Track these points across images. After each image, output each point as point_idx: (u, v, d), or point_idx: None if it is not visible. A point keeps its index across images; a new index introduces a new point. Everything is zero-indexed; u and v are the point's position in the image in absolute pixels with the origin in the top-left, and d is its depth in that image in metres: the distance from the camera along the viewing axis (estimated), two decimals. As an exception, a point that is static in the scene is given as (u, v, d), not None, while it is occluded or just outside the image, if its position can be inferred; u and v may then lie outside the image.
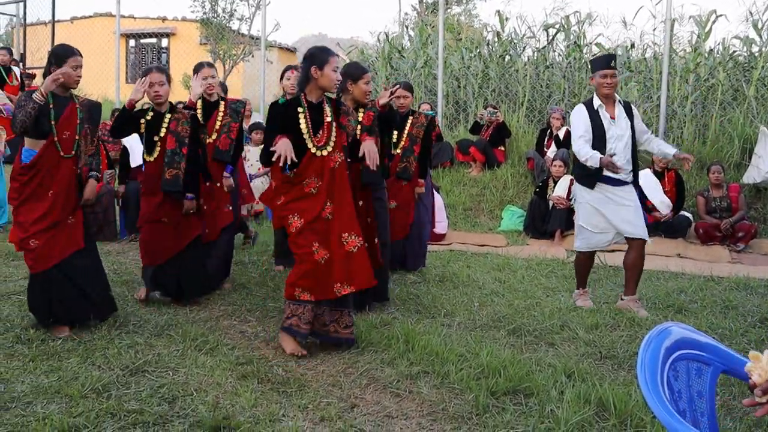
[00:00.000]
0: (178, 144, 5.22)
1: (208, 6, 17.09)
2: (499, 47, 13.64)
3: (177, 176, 5.19)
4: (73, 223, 4.69)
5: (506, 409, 3.62)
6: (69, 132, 4.64)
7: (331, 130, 4.46)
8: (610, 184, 5.45)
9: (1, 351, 4.24)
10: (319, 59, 4.38)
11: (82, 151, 4.72)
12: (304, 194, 4.38)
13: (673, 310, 5.54)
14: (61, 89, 4.65)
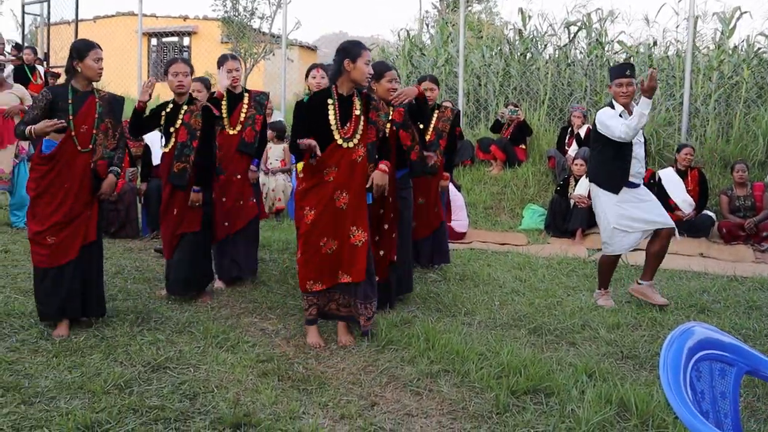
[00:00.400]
0: (189, 137, 5.27)
1: (230, 4, 17.16)
2: (520, 45, 13.59)
3: (184, 169, 5.25)
4: (89, 215, 4.69)
5: (527, 408, 3.61)
6: (86, 126, 4.65)
7: (359, 123, 4.55)
8: (630, 187, 5.54)
9: (26, 346, 4.29)
10: (353, 52, 4.46)
11: (99, 145, 4.70)
12: (322, 182, 4.49)
13: (695, 310, 5.49)
14: (83, 83, 4.68)
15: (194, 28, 21.75)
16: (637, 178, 5.56)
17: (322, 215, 4.49)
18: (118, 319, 4.87)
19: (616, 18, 13.90)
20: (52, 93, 4.63)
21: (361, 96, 4.63)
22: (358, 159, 4.53)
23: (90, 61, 4.61)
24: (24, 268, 6.13)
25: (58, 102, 4.60)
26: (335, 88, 4.57)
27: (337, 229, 4.51)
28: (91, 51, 4.62)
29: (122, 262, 6.61)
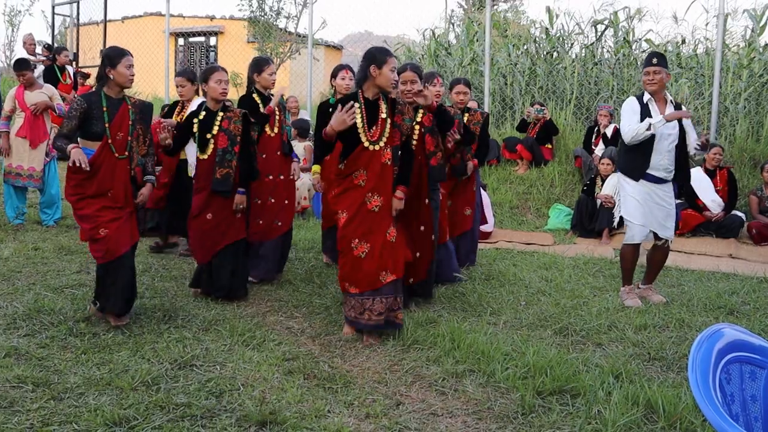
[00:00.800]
0: (230, 142, 5.34)
1: (256, 4, 17.23)
2: (546, 44, 13.51)
3: (228, 175, 5.32)
4: (126, 223, 4.76)
5: (552, 409, 3.59)
6: (122, 133, 4.73)
7: (385, 126, 4.66)
8: (651, 181, 5.56)
9: (55, 343, 4.34)
10: (378, 59, 4.59)
11: (134, 152, 4.81)
12: (353, 185, 4.62)
13: (724, 312, 5.43)
14: (115, 90, 4.75)
15: (221, 28, 21.89)
16: (661, 172, 5.53)
17: (355, 218, 4.58)
18: (145, 316, 4.92)
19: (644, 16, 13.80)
20: (86, 102, 4.68)
21: (388, 100, 4.74)
22: (386, 162, 4.65)
23: (122, 68, 4.68)
24: (53, 266, 6.21)
25: (93, 110, 4.66)
26: (361, 93, 4.69)
27: (370, 231, 4.59)
28: (123, 58, 4.69)
29: (149, 260, 6.67)
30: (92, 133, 4.67)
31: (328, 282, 6.07)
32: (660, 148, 5.50)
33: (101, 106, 4.67)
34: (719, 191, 8.73)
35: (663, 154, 5.51)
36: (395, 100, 4.81)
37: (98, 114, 4.66)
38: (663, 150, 5.51)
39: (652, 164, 5.52)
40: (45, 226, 8.02)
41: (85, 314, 4.85)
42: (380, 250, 4.58)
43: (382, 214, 4.63)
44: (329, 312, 5.22)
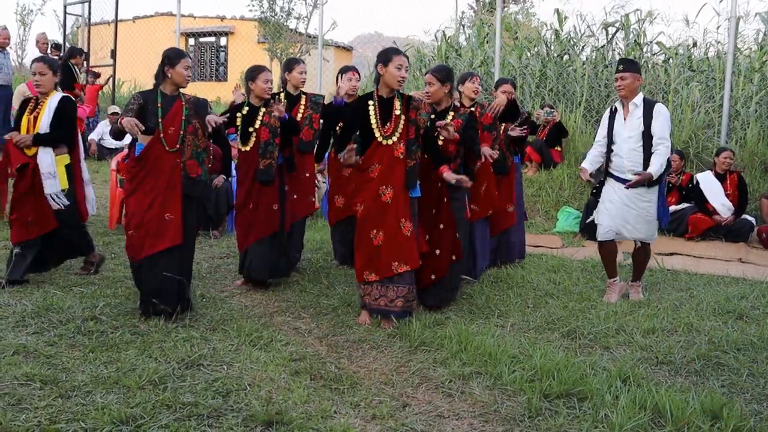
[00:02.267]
0: (271, 135, 5.71)
1: (266, 5, 17.27)
2: (557, 46, 13.48)
3: (270, 165, 5.70)
4: (171, 220, 4.87)
5: (559, 412, 3.58)
6: (174, 128, 4.95)
7: (399, 122, 4.96)
8: (616, 180, 5.73)
9: (63, 341, 4.36)
10: (384, 57, 4.95)
11: (188, 146, 4.98)
12: (368, 179, 4.95)
13: (733, 316, 5.40)
14: (171, 88, 5.03)
15: (231, 28, 21.94)
16: (626, 174, 5.59)
17: (370, 209, 4.93)
18: (153, 315, 4.92)
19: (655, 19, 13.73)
20: (143, 97, 5.01)
21: (403, 98, 5.03)
22: (399, 156, 4.92)
23: (180, 69, 4.99)
24: (62, 265, 6.22)
25: (148, 105, 4.95)
26: (376, 92, 5.04)
27: (383, 221, 4.90)
28: (182, 59, 5.01)
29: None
30: (147, 128, 4.86)
31: (335, 283, 6.08)
32: (619, 150, 5.70)
33: (156, 102, 4.96)
34: (729, 195, 8.68)
35: (623, 155, 5.66)
36: (410, 98, 5.07)
37: (153, 109, 4.94)
38: (623, 152, 5.67)
39: (613, 165, 5.76)
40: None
41: (94, 312, 4.86)
42: (393, 240, 4.87)
43: (395, 206, 4.89)
44: (337, 313, 5.22)
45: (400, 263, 4.90)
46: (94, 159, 12.43)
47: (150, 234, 4.84)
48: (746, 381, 4.10)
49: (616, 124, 5.75)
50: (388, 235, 4.90)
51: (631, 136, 5.63)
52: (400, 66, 4.92)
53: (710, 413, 3.51)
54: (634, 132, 5.62)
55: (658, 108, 5.65)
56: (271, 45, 17.11)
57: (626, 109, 5.71)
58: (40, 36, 13.11)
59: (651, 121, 5.59)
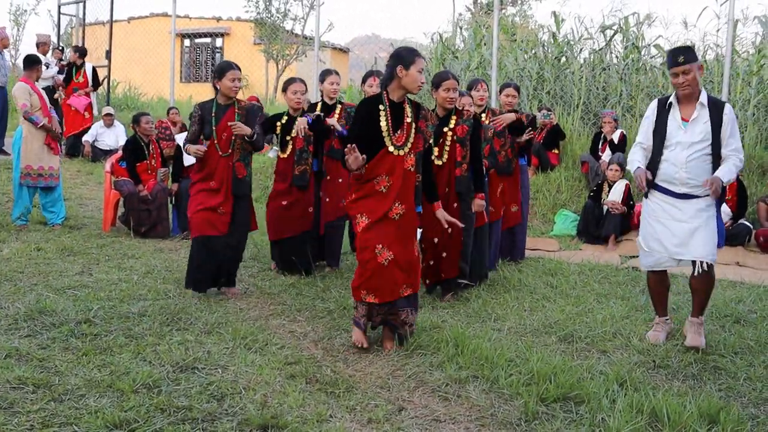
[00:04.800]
0: (305, 143, 6.24)
1: (262, 6, 17.28)
2: (554, 48, 13.48)
3: (305, 171, 6.27)
4: (223, 214, 5.56)
5: (556, 416, 3.56)
6: (226, 134, 5.50)
7: (411, 131, 4.47)
8: (667, 194, 4.78)
9: (56, 344, 4.32)
10: (407, 59, 4.38)
11: (237, 149, 5.55)
12: (373, 191, 4.41)
13: (731, 320, 5.39)
14: (223, 98, 5.56)
15: (227, 29, 21.92)
16: (678, 186, 4.69)
17: (378, 224, 4.39)
18: (147, 318, 4.90)
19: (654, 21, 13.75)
20: (201, 108, 5.60)
21: (412, 104, 4.56)
22: (410, 168, 4.46)
23: (226, 81, 5.46)
24: (55, 267, 6.20)
25: (205, 115, 5.55)
26: (386, 95, 4.48)
27: (395, 240, 4.41)
28: (228, 72, 5.47)
29: (152, 262, 6.66)
30: (204, 135, 5.54)
31: (331, 286, 6.06)
32: (675, 158, 4.70)
33: (211, 111, 5.53)
34: (728, 201, 8.65)
35: (679, 165, 4.67)
36: (419, 105, 4.61)
37: (208, 118, 5.53)
38: (678, 160, 4.67)
39: (662, 175, 4.77)
40: (51, 225, 8.02)
41: (88, 315, 4.84)
42: (405, 261, 4.43)
43: (407, 223, 4.47)
44: (332, 316, 5.20)
45: (407, 286, 4.47)
46: (88, 161, 12.40)
47: (205, 221, 5.50)
48: (743, 385, 4.09)
49: (671, 126, 4.75)
50: (399, 254, 4.40)
51: (696, 142, 4.65)
52: (422, 69, 4.42)
53: (707, 417, 3.50)
54: (699, 138, 4.66)
55: (728, 111, 4.72)
56: (267, 46, 17.11)
57: (688, 109, 4.73)
58: (44, 37, 13.06)
59: (720, 126, 4.67)
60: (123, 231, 8.06)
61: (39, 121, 7.79)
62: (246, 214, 5.74)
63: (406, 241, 4.46)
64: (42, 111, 7.91)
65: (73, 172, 11.82)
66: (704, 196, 4.65)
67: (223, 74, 5.46)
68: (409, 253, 4.46)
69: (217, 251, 5.57)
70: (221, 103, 5.57)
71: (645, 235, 4.89)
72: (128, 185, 8.03)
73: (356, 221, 4.46)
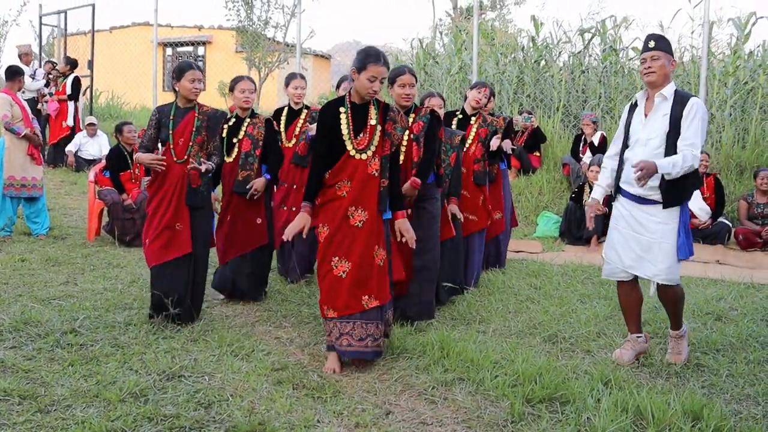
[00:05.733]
0: (252, 146, 5.71)
1: (244, 14, 17.25)
2: (534, 52, 13.58)
3: (248, 177, 5.65)
4: (180, 229, 5.02)
5: (542, 416, 3.59)
6: (183, 139, 5.06)
7: (374, 134, 4.24)
8: (629, 199, 4.40)
9: (42, 355, 4.31)
10: (360, 63, 4.16)
11: (193, 157, 5.04)
12: (335, 197, 4.22)
13: (712, 318, 5.45)
14: (183, 101, 5.12)
15: (209, 37, 21.88)
16: (631, 185, 4.29)
17: (336, 234, 4.19)
18: (133, 327, 4.89)
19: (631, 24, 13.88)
20: (158, 111, 5.17)
21: (379, 105, 4.32)
22: (373, 173, 4.22)
23: (185, 82, 5.04)
24: (40, 277, 6.17)
25: (162, 119, 5.12)
26: (349, 96, 4.30)
27: (352, 249, 4.18)
28: (187, 72, 5.05)
29: (137, 271, 6.64)
30: (161, 139, 5.13)
31: (317, 292, 6.03)
32: (634, 156, 4.29)
33: (169, 115, 5.10)
34: (706, 199, 8.76)
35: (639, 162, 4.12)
36: (388, 106, 4.36)
37: (166, 122, 5.10)
38: (635, 159, 4.19)
39: (624, 176, 4.39)
40: (35, 236, 7.98)
41: (74, 325, 4.82)
42: (365, 271, 4.18)
43: (367, 231, 4.19)
44: (318, 321, 5.20)
45: (371, 297, 4.19)
46: (72, 170, 12.34)
47: (162, 243, 4.99)
48: (726, 382, 4.14)
49: (634, 122, 4.39)
50: (358, 264, 4.16)
51: (652, 138, 4.25)
52: (374, 78, 4.13)
53: (691, 414, 3.54)
54: (655, 133, 4.24)
55: (693, 104, 4.19)
56: (249, 54, 17.09)
57: (650, 102, 4.34)
58: (26, 48, 12.98)
59: (681, 120, 4.19)
60: (107, 240, 8.03)
61: (20, 131, 7.76)
62: (205, 231, 5.20)
63: (367, 249, 4.19)
64: (24, 122, 7.88)
65: (57, 182, 11.77)
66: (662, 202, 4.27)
67: (182, 75, 5.04)
68: (369, 263, 4.20)
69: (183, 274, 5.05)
70: (181, 106, 5.13)
71: (606, 243, 4.64)
72: (112, 194, 8.01)
73: (318, 230, 4.29)
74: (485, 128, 6.41)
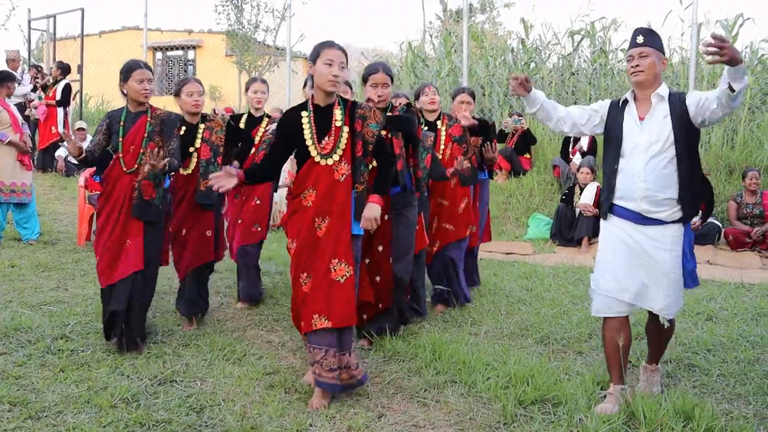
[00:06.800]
0: (212, 154, 5.19)
1: (234, 18, 17.23)
2: (524, 54, 13.63)
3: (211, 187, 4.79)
4: (129, 246, 4.54)
5: (534, 418, 3.60)
6: (134, 146, 4.60)
7: (340, 136, 3.85)
8: (626, 218, 3.75)
9: (32, 361, 4.29)
10: (314, 53, 3.81)
11: (143, 166, 4.55)
12: (300, 207, 3.85)
13: (703, 318, 5.47)
14: (134, 105, 4.67)
15: (199, 41, 21.83)
16: (638, 203, 3.66)
17: (303, 248, 3.82)
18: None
19: (620, 26, 13.95)
20: (108, 116, 4.69)
21: (346, 104, 3.95)
22: (340, 178, 3.82)
23: (133, 83, 4.60)
24: (30, 283, 6.14)
25: (113, 124, 4.64)
26: (312, 99, 3.95)
27: (314, 262, 3.80)
28: (134, 72, 4.60)
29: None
30: (112, 147, 4.65)
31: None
32: (631, 166, 3.69)
33: (119, 120, 4.64)
34: (696, 199, 8.78)
35: (636, 174, 3.66)
36: (355, 104, 3.97)
37: (116, 128, 4.63)
38: (635, 168, 3.66)
39: (619, 190, 3.75)
40: (25, 241, 7.94)
41: (64, 331, 4.80)
42: (317, 286, 3.77)
43: (328, 243, 3.78)
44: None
45: (321, 317, 3.75)
46: (61, 175, 12.29)
47: (111, 261, 4.53)
48: (717, 381, 4.15)
49: (627, 126, 3.76)
50: (315, 279, 3.78)
51: (655, 143, 3.64)
52: (331, 61, 3.75)
53: (682, 414, 3.55)
54: (658, 137, 3.64)
55: (690, 95, 3.69)
56: (239, 58, 17.06)
57: (645, 105, 3.75)
58: (14, 53, 12.93)
59: (688, 114, 3.62)
60: (97, 246, 7.99)
61: (5, 137, 7.73)
62: (157, 247, 4.70)
63: (328, 263, 3.77)
64: (13, 127, 7.84)
65: (47, 187, 11.71)
66: (670, 222, 3.66)
67: (129, 75, 4.58)
68: (325, 277, 3.77)
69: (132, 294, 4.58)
70: (132, 110, 4.67)
71: (597, 270, 3.87)
72: (102, 200, 7.95)
73: (288, 247, 3.98)
74: (455, 125, 5.76)
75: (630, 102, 3.81)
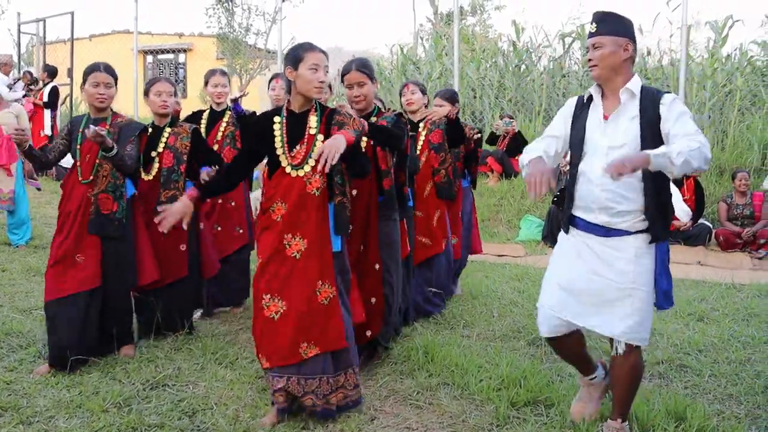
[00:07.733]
0: (175, 161, 4.76)
1: (225, 21, 17.22)
2: (514, 57, 13.66)
3: (174, 197, 4.51)
4: (82, 261, 4.27)
5: (527, 420, 3.60)
6: (90, 155, 4.32)
7: (313, 145, 3.50)
8: (585, 230, 3.27)
9: (24, 366, 4.27)
10: (294, 58, 3.52)
11: (102, 177, 4.30)
12: (270, 223, 3.51)
13: (694, 318, 5.49)
14: (94, 111, 4.41)
15: (190, 45, 21.81)
16: (598, 214, 3.19)
17: (268, 266, 3.49)
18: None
19: (610, 28, 13.96)
20: (71, 122, 4.48)
21: (322, 111, 3.61)
22: (313, 192, 3.47)
23: (88, 87, 4.32)
24: (21, 287, 6.12)
25: (74, 131, 4.40)
26: (287, 105, 3.64)
27: (288, 285, 3.47)
28: (89, 75, 4.32)
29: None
30: (72, 154, 4.42)
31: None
32: (591, 170, 3.19)
33: (80, 127, 4.38)
34: (687, 200, 8.84)
35: (594, 180, 3.17)
36: (333, 111, 3.62)
37: (76, 135, 4.37)
38: (594, 173, 3.17)
39: (578, 198, 3.28)
40: (15, 246, 7.91)
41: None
42: (302, 312, 3.44)
43: (307, 264, 3.46)
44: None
45: (310, 345, 3.45)
46: (52, 180, 12.25)
47: (58, 273, 4.24)
48: (708, 382, 4.17)
49: (589, 125, 3.27)
50: (293, 303, 3.44)
51: (617, 147, 3.13)
52: (316, 65, 3.48)
53: (675, 415, 3.56)
54: (622, 141, 3.14)
55: (670, 101, 3.09)
56: (230, 61, 17.05)
57: (612, 101, 3.24)
58: (6, 57, 12.87)
59: (660, 122, 3.08)
60: (88, 250, 7.96)
61: None
62: (122, 263, 4.37)
63: (307, 286, 3.47)
64: None
65: (37, 191, 11.66)
66: (634, 232, 3.16)
67: (85, 79, 4.30)
68: (311, 302, 3.46)
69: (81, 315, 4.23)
70: (93, 117, 4.39)
71: (547, 280, 3.44)
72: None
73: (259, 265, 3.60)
74: (436, 131, 5.49)
75: (595, 98, 3.29)
